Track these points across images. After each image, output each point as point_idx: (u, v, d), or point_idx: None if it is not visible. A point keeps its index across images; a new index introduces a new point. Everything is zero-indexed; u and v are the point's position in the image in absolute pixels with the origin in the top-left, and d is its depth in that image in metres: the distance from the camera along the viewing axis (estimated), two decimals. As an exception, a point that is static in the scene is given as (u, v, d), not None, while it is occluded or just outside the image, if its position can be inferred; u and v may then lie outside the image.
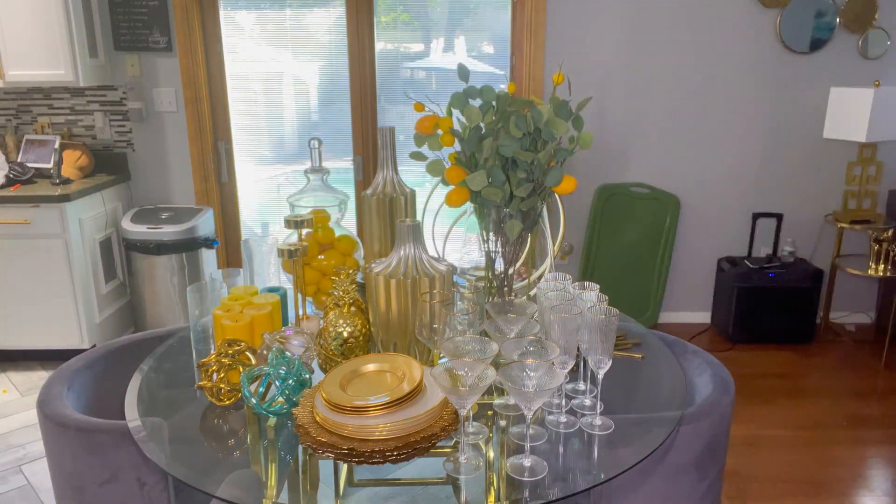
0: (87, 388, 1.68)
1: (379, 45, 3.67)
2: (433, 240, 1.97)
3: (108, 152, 3.73)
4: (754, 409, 3.02)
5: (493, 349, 1.26)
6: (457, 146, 1.53)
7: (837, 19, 3.52)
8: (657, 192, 3.72)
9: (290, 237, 1.78)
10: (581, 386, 1.51)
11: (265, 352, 1.40)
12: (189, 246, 3.48)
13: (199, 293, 1.58)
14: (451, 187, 1.52)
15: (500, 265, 1.60)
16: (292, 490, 1.21)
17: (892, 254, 3.48)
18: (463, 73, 1.56)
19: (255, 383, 1.36)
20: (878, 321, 3.89)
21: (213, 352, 1.47)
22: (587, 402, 1.45)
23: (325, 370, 1.53)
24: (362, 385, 1.33)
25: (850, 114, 3.36)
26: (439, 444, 1.27)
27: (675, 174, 3.77)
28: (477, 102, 1.50)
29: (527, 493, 1.17)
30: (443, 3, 3.64)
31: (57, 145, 3.49)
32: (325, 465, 1.28)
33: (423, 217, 1.92)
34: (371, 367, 1.39)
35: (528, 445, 1.25)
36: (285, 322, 1.74)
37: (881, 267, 3.50)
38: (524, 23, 3.56)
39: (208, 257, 3.63)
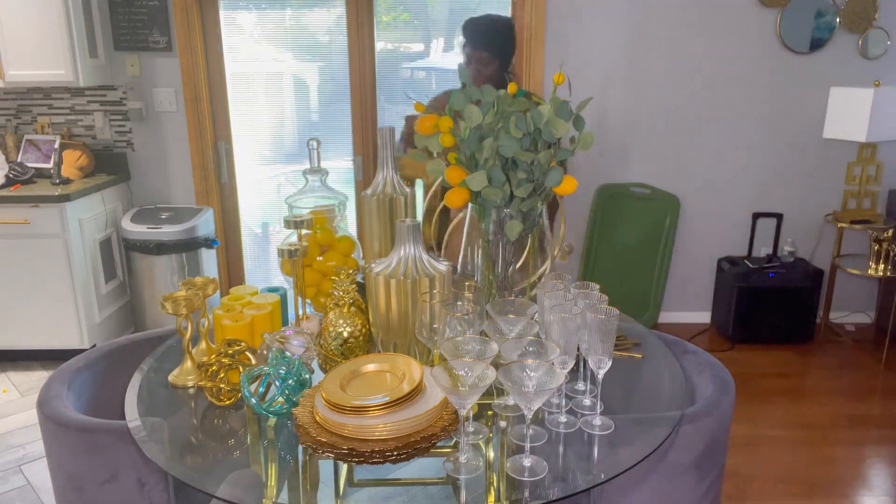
0: (87, 388, 1.68)
1: (379, 45, 3.67)
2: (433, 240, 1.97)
3: (108, 152, 3.73)
4: (754, 409, 3.02)
5: (493, 349, 1.26)
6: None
7: (837, 19, 3.52)
8: (657, 192, 3.72)
9: (290, 237, 1.78)
10: (581, 386, 1.51)
11: (265, 352, 1.40)
12: (189, 246, 3.48)
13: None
14: (451, 187, 1.52)
15: (500, 265, 1.60)
16: (292, 490, 1.21)
17: (892, 254, 3.48)
18: (463, 73, 1.56)
19: (255, 383, 1.36)
20: (878, 321, 3.89)
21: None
22: (587, 402, 1.45)
23: (325, 370, 1.53)
24: (362, 385, 1.33)
25: (850, 114, 3.36)
26: (439, 444, 1.27)
27: (675, 174, 3.77)
28: (477, 102, 1.50)
29: (527, 493, 1.17)
30: (443, 3, 3.64)
31: (57, 145, 3.49)
32: (325, 465, 1.28)
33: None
34: (371, 367, 1.39)
35: (528, 445, 1.25)
36: (285, 322, 1.74)
37: (881, 267, 3.50)
38: (524, 23, 3.56)
39: (208, 257, 3.63)
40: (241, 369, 1.42)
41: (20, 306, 3.35)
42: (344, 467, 1.29)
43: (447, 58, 3.72)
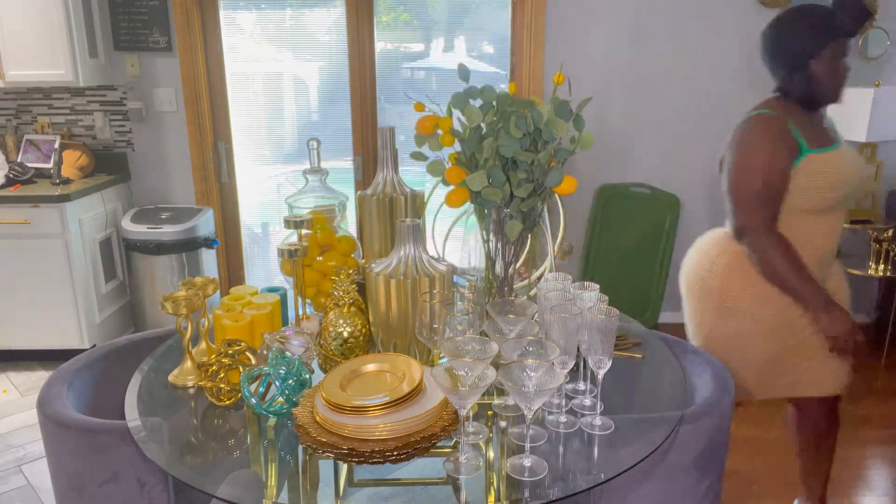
0: (87, 388, 1.68)
1: (379, 45, 3.67)
2: (433, 240, 1.97)
3: (108, 152, 3.73)
4: (754, 409, 3.02)
5: (493, 349, 1.26)
6: (457, 146, 1.53)
7: (837, 19, 3.52)
8: (657, 192, 3.72)
9: (290, 237, 1.78)
10: (581, 386, 1.51)
11: (265, 352, 1.41)
12: (189, 246, 3.48)
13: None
14: (451, 187, 1.52)
15: (500, 265, 1.60)
16: (292, 490, 1.21)
17: (892, 254, 3.48)
18: (463, 73, 1.56)
19: (255, 383, 1.36)
20: (878, 321, 3.89)
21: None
22: (587, 402, 1.45)
23: (325, 370, 1.53)
24: (362, 385, 1.33)
25: (850, 114, 3.36)
26: (439, 444, 1.27)
27: (675, 174, 3.77)
28: (477, 102, 1.50)
29: (527, 493, 1.17)
30: (443, 3, 3.64)
31: (57, 145, 3.49)
32: (325, 465, 1.28)
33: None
34: (371, 367, 1.39)
35: (528, 445, 1.25)
36: (285, 322, 1.74)
37: (881, 267, 3.50)
38: (524, 23, 3.56)
39: (208, 257, 3.63)
40: (241, 369, 1.42)
41: (20, 306, 3.35)
42: (344, 467, 1.29)
43: (447, 58, 3.72)
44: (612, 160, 3.75)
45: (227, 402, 1.44)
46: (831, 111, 2.15)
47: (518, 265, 1.64)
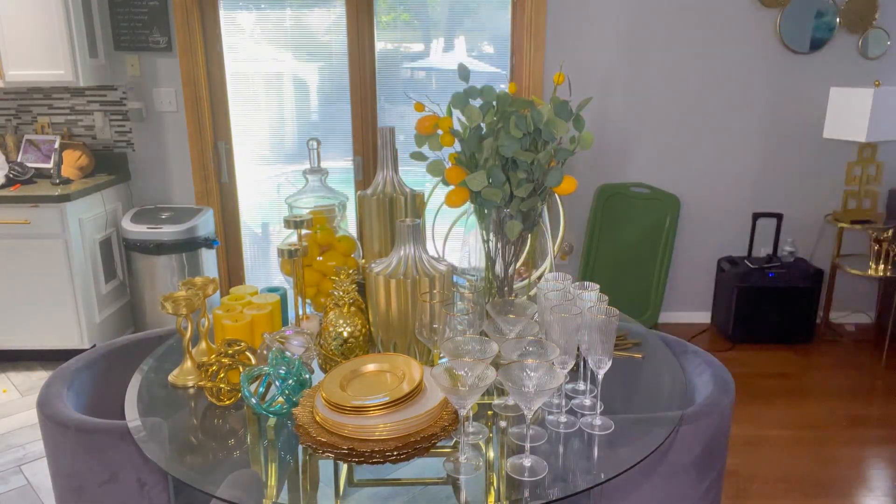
0: (87, 388, 1.68)
1: (379, 45, 3.67)
2: (433, 240, 1.98)
3: (108, 152, 3.73)
4: (754, 409, 3.02)
5: (493, 349, 1.26)
6: (457, 146, 1.54)
7: (837, 19, 3.52)
8: (657, 192, 3.72)
9: (290, 237, 1.78)
10: (581, 386, 1.51)
11: (265, 352, 1.41)
12: (189, 246, 3.48)
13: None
14: (451, 187, 1.52)
15: (500, 265, 1.60)
16: (292, 490, 1.21)
17: (892, 254, 3.48)
18: (463, 72, 1.56)
19: (255, 383, 1.36)
20: (878, 321, 3.89)
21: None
22: (587, 402, 1.45)
23: (325, 370, 1.53)
24: (362, 385, 1.33)
25: (850, 114, 3.36)
26: (439, 444, 1.27)
27: (675, 174, 3.77)
28: (477, 102, 1.50)
29: (527, 493, 1.17)
30: (443, 3, 3.64)
31: (57, 145, 3.49)
32: (325, 465, 1.28)
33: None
34: (371, 367, 1.39)
35: (528, 445, 1.25)
36: (285, 322, 1.74)
37: (881, 267, 3.50)
38: (524, 23, 3.56)
39: (208, 257, 3.63)
40: (241, 369, 1.42)
41: (20, 306, 3.35)
42: (344, 467, 1.29)
43: (447, 58, 3.72)
44: (612, 160, 3.75)
45: (227, 402, 1.44)
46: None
47: (518, 265, 1.64)
